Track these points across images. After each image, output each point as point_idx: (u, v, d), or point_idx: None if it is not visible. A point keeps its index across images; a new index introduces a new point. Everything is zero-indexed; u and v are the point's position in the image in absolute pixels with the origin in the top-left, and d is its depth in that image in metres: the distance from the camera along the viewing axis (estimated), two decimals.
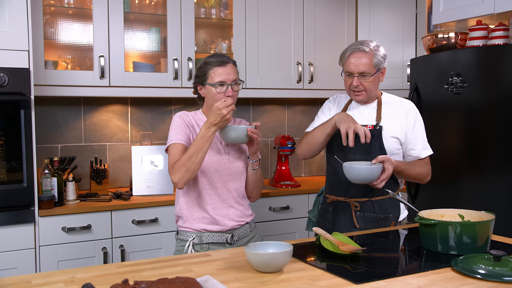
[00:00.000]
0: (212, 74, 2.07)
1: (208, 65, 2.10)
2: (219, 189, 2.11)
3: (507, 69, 2.54)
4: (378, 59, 2.15)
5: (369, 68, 2.14)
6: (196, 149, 1.96)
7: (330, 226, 2.25)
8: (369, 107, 2.25)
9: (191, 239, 2.09)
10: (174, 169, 2.00)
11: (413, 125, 2.19)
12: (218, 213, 2.10)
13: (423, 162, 2.21)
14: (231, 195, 2.14)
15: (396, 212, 2.21)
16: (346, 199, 2.21)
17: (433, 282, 1.41)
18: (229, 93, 2.07)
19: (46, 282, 1.42)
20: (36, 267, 2.64)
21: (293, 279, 1.44)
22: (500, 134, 2.58)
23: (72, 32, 3.12)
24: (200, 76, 2.13)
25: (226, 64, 2.09)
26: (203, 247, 2.09)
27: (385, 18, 3.69)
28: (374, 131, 2.16)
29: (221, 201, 2.12)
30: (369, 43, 2.17)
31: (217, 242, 2.10)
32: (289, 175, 3.59)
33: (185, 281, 1.26)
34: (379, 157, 2.03)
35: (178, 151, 2.04)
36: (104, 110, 3.40)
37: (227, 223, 2.11)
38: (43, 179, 2.78)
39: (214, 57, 2.12)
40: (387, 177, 2.01)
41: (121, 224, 2.84)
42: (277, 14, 3.53)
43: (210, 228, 2.10)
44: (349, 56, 2.17)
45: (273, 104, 3.95)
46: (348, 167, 2.00)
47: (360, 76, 2.15)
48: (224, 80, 2.07)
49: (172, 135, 2.09)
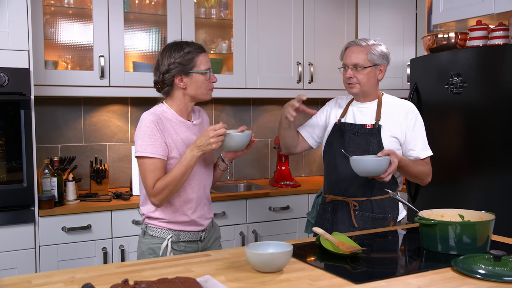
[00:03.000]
0: (199, 61, 2.01)
1: (191, 53, 2.00)
2: (197, 192, 2.06)
3: (507, 69, 2.54)
4: (373, 54, 2.17)
5: (363, 61, 2.17)
6: (180, 173, 1.90)
7: (328, 226, 2.25)
8: (369, 106, 2.25)
9: (169, 237, 2.02)
10: (156, 192, 1.91)
11: (413, 126, 2.19)
12: (196, 215, 2.06)
13: (424, 162, 2.21)
14: (205, 192, 2.11)
15: (394, 212, 2.21)
16: (345, 198, 2.21)
17: (433, 282, 1.41)
18: (214, 79, 2.05)
19: (46, 282, 1.42)
20: (36, 267, 2.64)
21: (293, 279, 1.44)
22: (500, 134, 2.58)
23: (72, 32, 3.12)
24: (184, 65, 1.99)
25: (204, 50, 2.06)
26: (180, 245, 2.05)
27: (385, 18, 3.69)
28: (373, 129, 2.17)
29: (199, 202, 2.07)
30: (368, 40, 2.21)
31: (193, 240, 2.07)
32: (289, 175, 3.59)
33: (185, 281, 1.26)
34: (385, 150, 2.01)
35: (157, 168, 1.92)
36: (104, 110, 3.40)
37: (203, 222, 2.09)
38: (43, 179, 2.78)
39: (189, 45, 2.03)
40: (393, 169, 2.00)
41: (121, 224, 2.84)
42: (277, 14, 3.53)
43: (188, 228, 2.05)
44: (346, 50, 2.23)
45: (273, 104, 3.95)
46: (356, 159, 1.99)
47: (354, 69, 2.18)
48: (209, 67, 2.04)
49: (147, 145, 1.92)
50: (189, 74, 2.00)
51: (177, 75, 2.00)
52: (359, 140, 2.18)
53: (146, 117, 1.97)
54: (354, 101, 2.30)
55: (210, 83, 2.05)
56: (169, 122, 2.01)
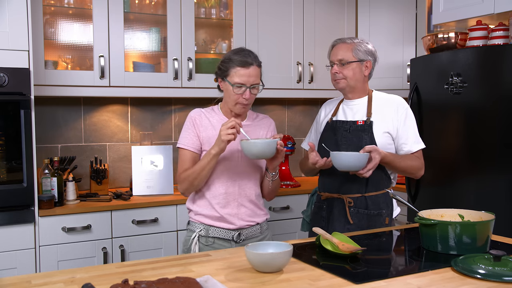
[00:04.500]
0: (233, 73, 2.01)
1: (231, 62, 2.03)
2: (230, 187, 2.09)
3: (507, 69, 2.54)
4: (358, 50, 2.22)
5: (348, 57, 2.21)
6: (199, 167, 2.01)
7: (324, 223, 2.26)
8: (359, 102, 2.28)
9: (198, 231, 2.11)
10: (180, 180, 2.09)
11: (404, 120, 2.21)
12: (226, 212, 2.08)
13: (415, 156, 2.22)
14: (244, 193, 2.11)
15: (389, 208, 2.22)
16: (340, 195, 2.22)
17: (433, 282, 1.41)
18: (246, 96, 2.02)
19: (46, 282, 1.42)
20: (36, 267, 2.64)
21: (293, 279, 1.44)
22: (500, 134, 2.58)
23: (72, 32, 3.12)
24: (221, 70, 2.07)
25: (250, 66, 2.01)
26: (208, 240, 2.10)
27: (385, 18, 3.69)
28: (364, 126, 2.19)
29: (232, 199, 2.09)
30: (354, 38, 2.27)
31: (223, 238, 2.10)
32: (289, 175, 3.59)
33: (185, 281, 1.26)
34: (366, 147, 2.06)
35: (186, 159, 2.09)
36: (104, 110, 3.40)
37: (236, 222, 2.10)
38: (43, 179, 2.78)
39: (239, 54, 2.04)
40: (373, 166, 2.04)
41: (121, 224, 2.84)
42: (277, 14, 3.53)
43: (218, 224, 2.10)
44: (333, 48, 2.28)
45: (273, 104, 3.95)
46: (335, 154, 2.04)
47: (339, 64, 2.22)
48: (244, 83, 2.01)
49: (182, 138, 2.12)
50: (224, 80, 2.07)
51: (218, 77, 2.11)
52: (351, 137, 2.21)
53: (190, 113, 2.16)
54: (345, 99, 2.34)
55: (240, 97, 2.03)
56: (210, 118, 2.14)
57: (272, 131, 2.23)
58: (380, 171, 2.18)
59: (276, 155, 2.01)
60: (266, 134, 2.21)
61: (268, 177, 2.14)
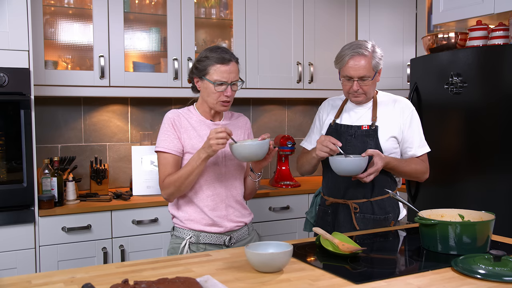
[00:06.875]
0: (213, 71, 1.98)
1: (209, 60, 1.99)
2: (217, 188, 2.05)
3: (507, 69, 2.54)
4: (376, 61, 2.13)
5: (369, 72, 2.11)
6: (186, 173, 1.94)
7: (329, 229, 2.23)
8: (364, 107, 2.24)
9: (188, 238, 2.04)
10: (165, 185, 2.00)
11: (409, 123, 2.18)
12: (216, 214, 2.04)
13: (420, 160, 2.20)
14: (230, 193, 2.08)
15: (395, 211, 2.20)
16: (345, 201, 2.20)
17: (433, 282, 1.41)
18: (227, 93, 2.00)
19: (46, 282, 1.42)
20: (36, 267, 2.64)
21: (293, 279, 1.44)
22: (500, 134, 2.58)
23: (72, 32, 3.12)
24: (199, 69, 2.02)
25: (229, 63, 1.99)
26: (200, 247, 2.04)
27: (385, 18, 3.69)
28: (369, 131, 2.16)
29: (220, 200, 2.05)
30: (366, 45, 2.12)
31: (214, 243, 2.05)
32: (289, 175, 3.59)
33: (185, 281, 1.26)
34: (369, 150, 2.03)
35: (168, 163, 2.01)
36: (104, 110, 3.40)
37: (226, 224, 2.05)
38: (43, 179, 2.78)
39: (216, 51, 2.00)
40: (375, 171, 2.01)
41: (121, 224, 2.84)
42: (277, 14, 3.53)
43: (208, 229, 2.04)
44: (348, 60, 2.11)
45: (273, 104, 3.95)
46: (332, 159, 2.03)
47: (360, 80, 2.12)
48: (225, 80, 1.98)
49: (161, 141, 2.04)
50: (203, 79, 2.03)
51: (194, 76, 2.06)
52: (356, 142, 2.17)
53: (166, 115, 2.09)
54: (349, 101, 2.28)
55: (221, 95, 2.01)
56: (188, 119, 2.09)
57: (248, 129, 2.22)
58: (385, 175, 2.15)
59: (266, 156, 1.98)
60: (244, 133, 2.19)
61: (254, 177, 2.12)
